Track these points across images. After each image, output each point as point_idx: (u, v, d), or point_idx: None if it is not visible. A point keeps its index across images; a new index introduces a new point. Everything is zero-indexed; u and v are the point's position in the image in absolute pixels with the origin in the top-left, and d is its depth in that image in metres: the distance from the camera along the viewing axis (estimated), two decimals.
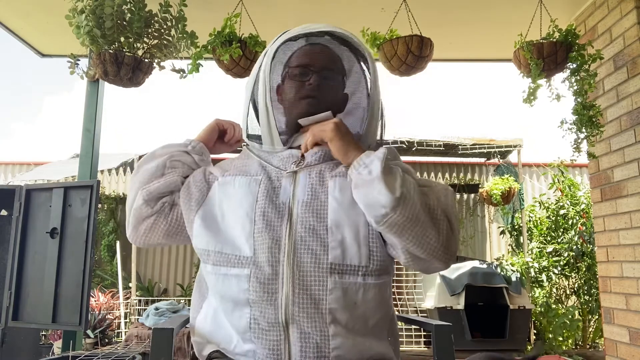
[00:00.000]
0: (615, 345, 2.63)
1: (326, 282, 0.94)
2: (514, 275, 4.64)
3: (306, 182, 1.04)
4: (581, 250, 5.02)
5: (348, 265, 0.96)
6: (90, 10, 2.11)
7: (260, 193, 1.04)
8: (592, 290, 4.95)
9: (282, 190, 1.05)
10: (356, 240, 0.98)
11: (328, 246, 0.96)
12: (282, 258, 0.96)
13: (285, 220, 1.00)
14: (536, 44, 2.43)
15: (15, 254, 2.36)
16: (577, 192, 5.37)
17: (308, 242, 0.97)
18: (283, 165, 1.09)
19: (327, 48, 1.15)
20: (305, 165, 1.07)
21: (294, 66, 1.13)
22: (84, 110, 3.07)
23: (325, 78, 1.11)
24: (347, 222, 0.98)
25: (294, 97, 1.11)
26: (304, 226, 0.99)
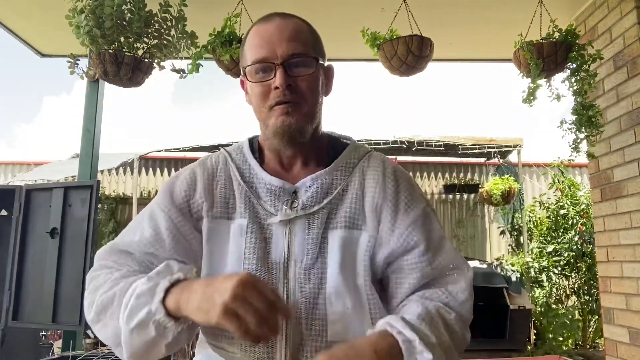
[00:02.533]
0: (615, 345, 2.63)
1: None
2: (514, 276, 4.64)
3: (305, 237, 0.85)
4: (581, 250, 5.02)
5: (350, 339, 0.80)
6: (90, 10, 2.11)
7: (248, 247, 0.85)
8: (592, 290, 4.95)
9: (274, 244, 0.86)
10: (357, 309, 0.83)
11: (327, 320, 0.82)
12: (279, 336, 0.77)
13: (282, 284, 0.84)
14: (536, 44, 2.43)
15: (15, 254, 2.36)
16: (577, 192, 5.37)
17: (307, 314, 0.82)
18: (271, 202, 0.88)
19: (286, 22, 0.89)
20: (301, 208, 0.86)
21: (249, 64, 0.88)
22: (84, 110, 3.07)
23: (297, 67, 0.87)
24: (346, 287, 0.83)
25: (261, 108, 0.88)
26: (303, 294, 0.82)
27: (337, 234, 0.86)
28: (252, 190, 0.90)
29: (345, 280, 0.83)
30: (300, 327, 0.81)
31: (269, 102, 0.86)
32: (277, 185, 0.89)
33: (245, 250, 0.85)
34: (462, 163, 7.15)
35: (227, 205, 0.90)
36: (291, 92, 0.85)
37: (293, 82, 0.85)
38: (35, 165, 7.24)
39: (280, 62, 0.85)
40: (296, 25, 0.89)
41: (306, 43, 0.89)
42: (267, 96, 0.86)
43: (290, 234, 0.86)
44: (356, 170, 0.92)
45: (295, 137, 0.87)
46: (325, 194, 0.89)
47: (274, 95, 0.85)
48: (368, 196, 0.89)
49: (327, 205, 0.88)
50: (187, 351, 3.56)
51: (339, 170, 0.92)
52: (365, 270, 0.85)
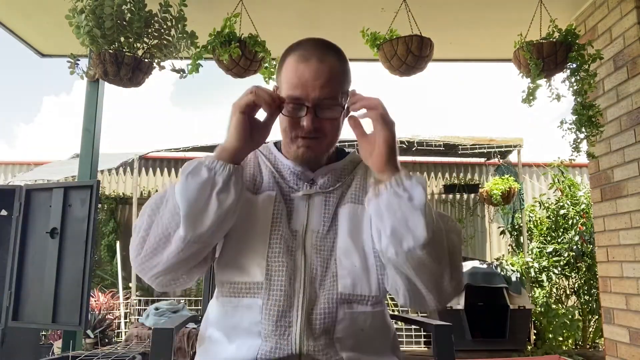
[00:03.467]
0: (615, 345, 2.63)
1: (336, 313, 0.92)
2: (514, 275, 4.64)
3: (322, 211, 1.00)
4: (581, 250, 5.02)
5: (358, 296, 0.94)
6: (90, 10, 2.11)
7: (276, 213, 0.98)
8: (592, 290, 4.95)
9: (295, 214, 1.00)
10: (365, 268, 0.95)
11: (337, 275, 0.94)
12: (298, 288, 0.93)
13: (300, 249, 0.96)
14: (536, 44, 2.43)
15: (15, 254, 2.36)
16: (577, 192, 5.37)
17: (321, 273, 0.95)
18: (294, 181, 1.04)
19: (322, 67, 0.95)
20: (320, 188, 1.02)
21: (284, 96, 0.96)
22: (83, 110, 3.07)
23: (325, 109, 0.96)
24: (354, 249, 0.96)
25: (287, 134, 1.00)
26: (319, 258, 0.96)
27: (346, 208, 1.00)
28: (278, 172, 1.05)
29: (354, 243, 0.96)
30: (315, 285, 0.94)
31: (294, 132, 0.98)
32: (299, 170, 1.03)
33: (274, 216, 0.97)
34: (462, 163, 7.15)
35: (254, 183, 1.03)
36: (316, 132, 0.97)
37: (319, 124, 0.96)
38: (35, 165, 7.24)
39: (311, 105, 0.94)
40: (331, 71, 0.95)
41: (336, 88, 0.97)
42: (295, 127, 0.98)
43: (310, 208, 1.01)
44: (361, 165, 1.09)
45: (312, 164, 1.04)
46: (338, 180, 1.04)
47: (301, 130, 0.97)
48: (369, 180, 1.02)
49: (340, 187, 1.03)
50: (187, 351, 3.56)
51: (349, 165, 1.09)
52: (372, 238, 0.94)
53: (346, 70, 1.00)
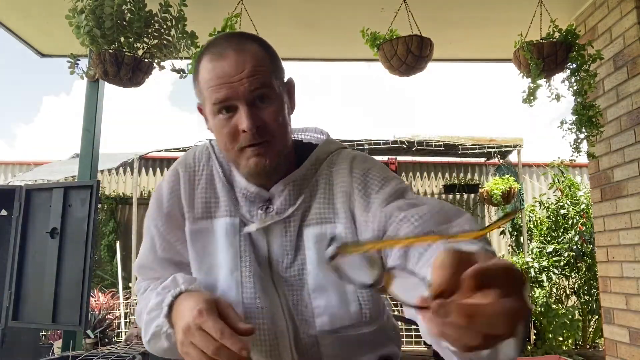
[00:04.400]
0: (615, 345, 2.63)
1: (317, 343, 0.87)
2: None
3: (283, 242, 0.87)
4: (581, 250, 5.02)
5: (338, 328, 0.86)
6: (90, 10, 2.11)
7: (243, 245, 0.87)
8: (592, 290, 4.95)
9: (257, 245, 0.88)
10: (343, 301, 0.85)
11: (314, 313, 0.85)
12: (284, 328, 0.86)
13: (271, 283, 0.87)
14: (536, 44, 2.43)
15: (15, 254, 2.36)
16: (577, 192, 5.37)
17: (296, 307, 0.86)
18: (247, 207, 0.89)
19: (243, 58, 0.81)
20: (276, 213, 0.87)
21: (210, 103, 0.82)
22: (83, 110, 3.07)
23: (262, 102, 0.82)
24: (328, 282, 0.85)
25: (229, 150, 0.84)
26: (289, 290, 0.87)
27: (310, 231, 0.86)
28: (234, 191, 0.90)
29: (326, 275, 0.84)
30: (295, 318, 0.87)
31: (238, 144, 0.82)
32: (253, 192, 0.88)
33: (241, 248, 0.86)
34: (462, 163, 7.15)
35: (209, 205, 0.90)
36: (260, 134, 0.81)
37: (261, 122, 0.81)
38: (35, 165, 7.24)
39: (244, 100, 0.80)
40: (253, 58, 0.81)
41: (266, 74, 0.82)
42: (236, 138, 0.81)
43: (269, 239, 0.88)
44: (325, 164, 0.91)
45: (270, 175, 0.86)
46: (299, 194, 0.88)
47: (244, 138, 0.81)
48: (337, 187, 0.88)
49: (302, 204, 0.87)
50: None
51: (310, 168, 0.90)
52: None
53: (273, 56, 0.86)
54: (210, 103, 0.82)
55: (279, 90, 0.84)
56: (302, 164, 0.89)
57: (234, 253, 0.86)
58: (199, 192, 0.91)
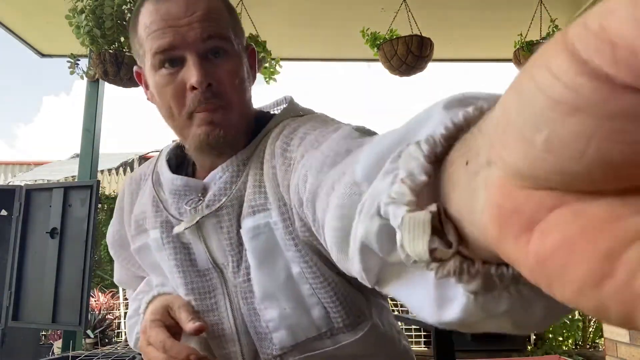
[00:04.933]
0: (615, 345, 2.63)
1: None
2: None
3: (220, 239, 0.69)
4: None
5: (303, 341, 0.68)
6: (90, 10, 2.11)
7: (170, 260, 0.72)
8: None
9: (195, 251, 0.72)
10: (300, 308, 0.67)
11: (269, 327, 0.69)
12: (232, 348, 0.72)
13: (220, 294, 0.72)
14: (536, 44, 2.43)
15: (15, 254, 2.36)
16: None
17: (250, 319, 0.70)
18: (175, 205, 0.72)
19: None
20: (206, 206, 0.69)
21: (150, 54, 0.66)
22: (83, 110, 3.08)
23: (216, 56, 0.66)
24: (276, 286, 0.67)
25: (174, 115, 0.68)
26: (243, 299, 0.70)
27: (245, 225, 0.67)
28: (160, 195, 0.75)
29: (273, 279, 0.66)
30: (250, 333, 0.71)
31: (185, 108, 0.66)
32: (179, 184, 0.71)
33: (171, 263, 0.73)
34: None
35: (141, 218, 0.77)
36: (214, 94, 0.65)
37: (214, 80, 0.65)
38: (35, 165, 7.25)
39: (194, 49, 0.64)
40: (207, 2, 0.66)
41: (224, 23, 0.67)
42: (182, 99, 0.65)
43: (205, 239, 0.70)
44: (264, 140, 0.70)
45: (225, 151, 0.69)
46: (236, 178, 0.69)
47: (192, 98, 0.64)
48: (266, 165, 0.67)
49: (237, 193, 0.68)
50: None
51: (252, 147, 0.71)
52: (297, 259, 0.65)
53: (232, 10, 0.72)
54: (151, 54, 0.65)
55: (238, 48, 0.69)
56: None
57: (168, 269, 0.73)
58: (137, 206, 0.79)
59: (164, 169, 0.75)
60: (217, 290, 0.72)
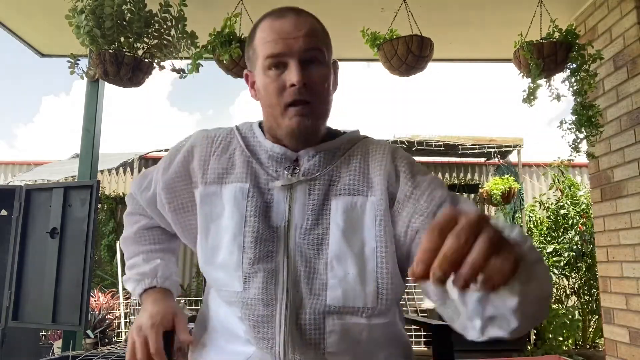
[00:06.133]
0: (615, 345, 2.63)
1: (323, 325, 0.81)
2: None
3: (306, 202, 0.85)
4: (581, 250, 5.02)
5: (350, 308, 0.81)
6: (90, 10, 2.10)
7: (250, 210, 0.85)
8: (592, 290, 4.95)
9: (275, 207, 0.86)
10: (361, 277, 0.81)
11: (327, 284, 0.81)
12: (279, 296, 0.81)
13: (282, 249, 0.84)
14: (536, 44, 2.43)
15: (15, 254, 2.36)
16: (577, 192, 5.37)
17: (307, 278, 0.82)
18: (273, 167, 0.89)
19: (302, 19, 0.88)
20: (302, 175, 0.87)
21: (262, 58, 0.86)
22: (83, 110, 3.08)
23: (311, 63, 0.86)
24: (350, 253, 0.81)
25: (274, 106, 0.86)
26: (303, 258, 0.83)
27: (340, 200, 0.85)
28: (254, 157, 0.90)
29: (349, 246, 0.81)
30: (301, 289, 0.82)
31: (284, 100, 0.84)
32: (278, 152, 0.89)
33: (247, 212, 0.85)
34: (462, 163, 7.15)
35: (222, 171, 0.90)
36: (307, 91, 0.83)
37: (308, 80, 0.83)
38: (35, 165, 7.24)
39: (296, 57, 0.83)
40: (311, 23, 0.88)
41: (320, 39, 0.88)
42: (282, 93, 0.84)
43: (291, 199, 0.86)
44: (359, 144, 0.93)
45: (310, 139, 0.88)
46: (329, 162, 0.89)
47: (290, 93, 0.83)
48: (375, 164, 0.88)
49: (329, 172, 0.88)
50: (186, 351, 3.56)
51: (343, 144, 0.92)
52: (377, 238, 0.82)
53: (326, 32, 0.93)
54: (263, 57, 0.85)
55: (328, 61, 0.89)
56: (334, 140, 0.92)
57: (239, 217, 0.85)
58: (214, 159, 0.92)
59: (262, 139, 0.92)
60: (279, 244, 0.84)
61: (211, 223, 0.88)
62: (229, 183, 0.88)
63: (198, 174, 0.91)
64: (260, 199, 0.86)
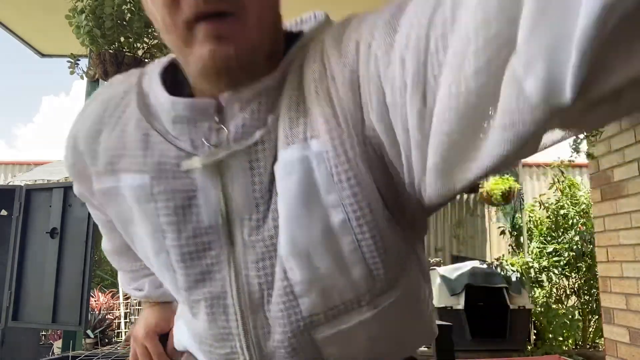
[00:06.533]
0: (615, 345, 2.63)
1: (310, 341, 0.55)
2: (514, 275, 4.65)
3: (250, 181, 0.53)
4: (581, 250, 5.02)
5: (337, 306, 0.55)
6: (90, 10, 2.11)
7: (163, 215, 0.55)
8: (592, 290, 4.95)
9: (201, 199, 0.54)
10: (338, 265, 0.52)
11: (294, 292, 0.53)
12: (234, 329, 0.56)
13: (225, 260, 0.55)
14: None
15: (15, 254, 2.36)
16: (577, 192, 5.37)
17: (266, 292, 0.54)
18: (185, 137, 0.54)
19: None
20: (233, 140, 0.52)
21: None
22: None
23: None
24: (310, 241, 0.51)
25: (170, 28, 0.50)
26: (258, 267, 0.54)
27: (279, 165, 0.52)
28: (154, 125, 0.56)
29: (307, 230, 0.51)
30: (262, 310, 0.55)
31: (181, 14, 0.48)
32: (183, 110, 0.53)
33: (160, 220, 0.55)
34: None
35: (113, 155, 0.58)
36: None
37: None
38: (35, 165, 7.25)
39: None
40: None
41: None
42: (177, 4, 0.48)
43: (225, 183, 0.53)
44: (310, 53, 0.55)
45: (239, 76, 0.51)
46: (275, 106, 0.53)
47: (190, 3, 0.47)
48: (308, 83, 0.52)
49: (274, 123, 0.52)
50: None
51: (284, 67, 0.55)
52: (344, 204, 0.50)
53: None
54: None
55: None
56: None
57: (152, 228, 0.56)
58: (106, 134, 0.59)
59: (159, 91, 0.56)
60: (220, 253, 0.55)
61: (128, 227, 0.61)
62: (123, 172, 0.57)
63: (88, 162, 0.62)
64: (174, 194, 0.54)
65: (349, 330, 0.56)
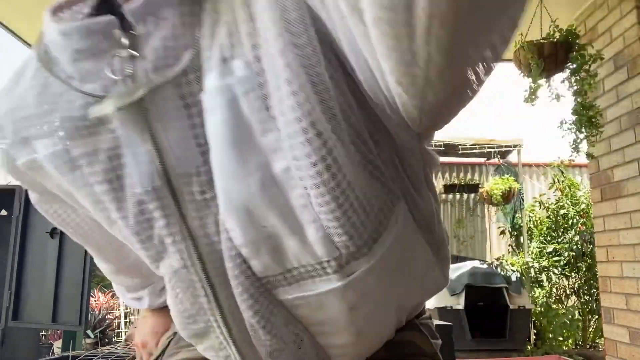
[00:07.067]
0: (615, 345, 2.63)
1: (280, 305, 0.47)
2: (514, 275, 4.65)
3: (184, 125, 0.42)
4: (581, 250, 5.02)
5: (296, 268, 0.45)
6: None
7: (97, 187, 0.44)
8: (592, 290, 4.95)
9: (129, 158, 0.43)
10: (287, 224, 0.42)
11: (242, 255, 0.44)
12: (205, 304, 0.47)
13: (176, 230, 0.44)
14: (536, 43, 2.43)
15: (15, 254, 2.36)
16: (577, 192, 5.37)
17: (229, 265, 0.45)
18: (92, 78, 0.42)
19: None
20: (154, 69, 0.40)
21: None
22: None
23: None
24: (248, 196, 0.41)
25: None
26: (216, 226, 0.45)
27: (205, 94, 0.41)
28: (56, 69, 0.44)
29: (240, 181, 0.41)
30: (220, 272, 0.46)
31: None
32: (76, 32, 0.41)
33: (95, 189, 0.44)
34: (462, 163, 7.15)
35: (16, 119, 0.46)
36: None
37: None
38: None
39: None
40: None
41: None
42: None
43: (155, 132, 0.41)
44: None
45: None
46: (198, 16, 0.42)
47: None
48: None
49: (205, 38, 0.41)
50: None
51: None
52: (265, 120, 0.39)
53: None
54: None
55: None
56: None
57: (92, 200, 0.46)
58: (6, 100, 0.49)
59: (47, 23, 0.42)
60: (169, 224, 0.44)
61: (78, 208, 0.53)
62: (33, 139, 0.45)
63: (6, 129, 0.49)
64: (96, 155, 0.43)
65: (318, 296, 0.45)
